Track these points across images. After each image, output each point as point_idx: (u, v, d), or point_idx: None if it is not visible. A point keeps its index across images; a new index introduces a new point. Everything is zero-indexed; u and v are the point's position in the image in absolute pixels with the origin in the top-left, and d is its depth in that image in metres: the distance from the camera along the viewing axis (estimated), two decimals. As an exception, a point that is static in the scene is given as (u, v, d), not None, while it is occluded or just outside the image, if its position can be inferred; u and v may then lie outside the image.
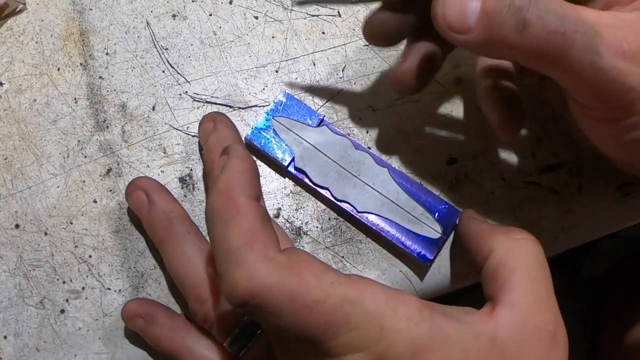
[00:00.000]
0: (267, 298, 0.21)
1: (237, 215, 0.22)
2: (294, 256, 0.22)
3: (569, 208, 0.32)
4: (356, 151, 0.32)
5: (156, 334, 0.29)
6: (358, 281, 0.22)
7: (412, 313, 0.22)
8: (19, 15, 0.36)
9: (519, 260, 0.24)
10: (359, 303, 0.21)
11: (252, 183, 0.23)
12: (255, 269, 0.21)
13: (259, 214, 0.23)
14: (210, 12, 0.36)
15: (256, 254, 0.21)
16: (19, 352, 0.31)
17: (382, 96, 0.34)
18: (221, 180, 0.23)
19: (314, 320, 0.21)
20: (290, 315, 0.21)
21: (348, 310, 0.21)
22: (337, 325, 0.21)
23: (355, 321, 0.21)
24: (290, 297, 0.21)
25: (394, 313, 0.22)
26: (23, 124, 0.34)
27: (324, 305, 0.21)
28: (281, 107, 0.32)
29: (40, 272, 0.32)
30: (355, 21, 0.35)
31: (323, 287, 0.21)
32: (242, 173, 0.23)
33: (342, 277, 0.22)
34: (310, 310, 0.21)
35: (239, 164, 0.23)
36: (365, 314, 0.21)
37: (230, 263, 0.21)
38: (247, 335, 0.27)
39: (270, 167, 0.33)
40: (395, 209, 0.31)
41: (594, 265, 0.69)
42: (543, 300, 0.23)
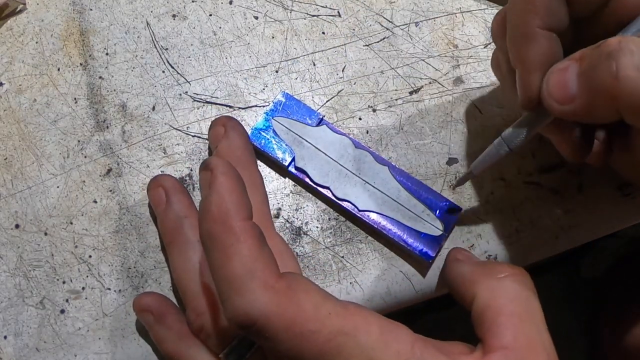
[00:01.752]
0: (266, 325, 0.21)
1: (236, 242, 0.22)
2: (293, 284, 0.22)
3: (569, 208, 0.32)
4: (356, 150, 0.32)
5: (162, 335, 0.29)
6: (355, 312, 0.23)
7: (402, 348, 0.22)
8: (19, 15, 0.36)
9: (504, 301, 0.24)
10: (352, 335, 0.22)
11: (244, 201, 0.23)
12: (256, 297, 0.21)
13: (256, 237, 0.23)
14: (210, 12, 0.36)
15: (257, 283, 0.22)
16: (19, 352, 0.31)
17: (382, 96, 0.34)
18: (213, 204, 0.23)
19: (308, 349, 0.22)
20: (287, 342, 0.22)
21: (341, 342, 0.22)
22: (330, 355, 0.22)
23: (347, 352, 0.22)
24: (288, 326, 0.21)
25: (385, 347, 0.22)
26: (23, 124, 0.34)
27: (319, 335, 0.22)
28: (280, 107, 0.32)
29: (40, 272, 0.32)
30: (355, 21, 0.35)
31: (320, 318, 0.22)
32: (231, 193, 0.23)
33: (339, 307, 0.23)
34: (306, 339, 0.21)
35: (226, 183, 0.23)
36: (356, 346, 0.22)
37: (231, 290, 0.22)
38: (244, 348, 0.27)
39: (271, 167, 0.33)
40: (396, 207, 0.31)
41: (594, 265, 0.69)
42: (534, 340, 0.23)
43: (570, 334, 0.70)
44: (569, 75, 0.23)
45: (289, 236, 0.32)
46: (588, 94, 0.23)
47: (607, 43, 0.22)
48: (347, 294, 0.31)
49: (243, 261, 0.22)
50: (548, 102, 0.24)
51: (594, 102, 0.23)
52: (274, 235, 0.30)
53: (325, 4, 0.36)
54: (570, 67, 0.23)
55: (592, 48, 0.23)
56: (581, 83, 0.23)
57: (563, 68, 0.24)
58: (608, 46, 0.22)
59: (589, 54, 0.23)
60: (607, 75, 0.21)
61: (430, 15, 0.35)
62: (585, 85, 0.23)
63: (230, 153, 0.30)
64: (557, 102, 0.24)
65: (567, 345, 0.68)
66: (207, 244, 0.23)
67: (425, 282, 0.31)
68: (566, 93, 0.23)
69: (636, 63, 0.21)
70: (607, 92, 0.22)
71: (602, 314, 0.61)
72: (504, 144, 0.27)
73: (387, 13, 0.35)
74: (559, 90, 0.23)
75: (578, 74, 0.23)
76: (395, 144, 0.33)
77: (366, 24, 0.35)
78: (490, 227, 0.32)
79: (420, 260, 0.30)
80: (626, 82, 0.21)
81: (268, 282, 0.22)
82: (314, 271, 0.31)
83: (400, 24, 0.35)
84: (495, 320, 0.23)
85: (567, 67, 0.23)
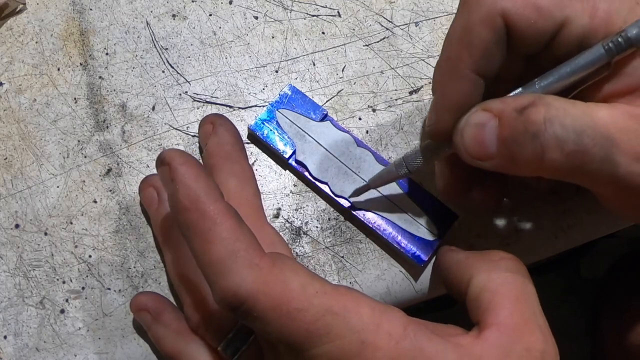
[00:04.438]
0: (254, 305, 0.21)
1: (213, 225, 0.22)
2: (278, 262, 0.22)
3: (568, 208, 0.32)
4: (358, 148, 0.32)
5: (159, 334, 0.29)
6: (344, 293, 0.22)
7: (394, 330, 0.22)
8: (19, 15, 0.36)
9: (500, 281, 0.24)
10: (341, 315, 0.22)
11: (211, 184, 0.23)
12: (242, 277, 0.21)
13: (234, 216, 0.23)
14: (210, 12, 0.36)
15: (241, 262, 0.21)
16: (19, 352, 0.31)
17: (382, 96, 0.34)
18: (181, 195, 0.22)
19: (296, 328, 0.21)
20: (274, 321, 0.21)
21: (329, 321, 0.21)
22: (318, 335, 0.21)
23: (335, 332, 0.21)
24: (275, 305, 0.21)
25: (376, 328, 0.22)
26: (23, 124, 0.34)
27: (306, 314, 0.21)
28: (286, 100, 0.33)
29: (40, 272, 0.32)
30: (355, 21, 0.35)
31: (307, 296, 0.22)
32: (196, 179, 0.23)
33: (327, 287, 0.22)
34: (293, 318, 0.21)
35: (187, 171, 0.23)
36: (346, 327, 0.21)
37: (216, 273, 0.22)
38: (241, 339, 0.27)
39: (272, 158, 0.33)
40: (393, 208, 0.31)
41: (594, 265, 0.69)
42: (530, 319, 0.23)
43: (571, 333, 0.70)
44: (487, 134, 0.23)
45: (289, 236, 0.32)
46: (509, 161, 0.23)
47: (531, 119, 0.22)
48: (347, 294, 0.31)
49: (224, 243, 0.22)
50: (463, 154, 0.24)
51: (514, 167, 0.23)
52: (266, 227, 0.30)
53: (325, 4, 0.36)
54: (489, 125, 0.23)
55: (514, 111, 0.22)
56: (502, 149, 0.23)
57: (480, 123, 0.23)
58: (532, 124, 0.22)
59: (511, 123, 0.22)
60: (531, 153, 0.22)
61: (430, 15, 0.35)
62: (507, 153, 0.23)
63: (220, 149, 0.30)
64: (472, 157, 0.24)
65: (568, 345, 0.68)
66: (186, 234, 0.23)
67: (425, 282, 0.31)
68: (483, 151, 0.23)
69: (561, 145, 0.21)
70: (530, 165, 0.22)
71: (603, 314, 0.61)
72: (403, 165, 0.28)
73: (387, 13, 0.35)
74: (476, 147, 0.23)
75: (499, 137, 0.23)
76: (395, 144, 0.33)
77: (366, 23, 0.35)
78: (490, 227, 0.32)
79: (413, 264, 0.30)
80: (551, 162, 0.22)
81: (252, 261, 0.22)
82: (313, 271, 0.31)
83: (400, 24, 0.35)
84: (491, 300, 0.23)
85: (485, 123, 0.23)
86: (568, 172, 0.22)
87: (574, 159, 0.22)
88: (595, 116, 0.22)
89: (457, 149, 0.24)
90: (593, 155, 0.21)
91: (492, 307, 0.23)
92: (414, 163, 0.28)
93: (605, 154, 0.21)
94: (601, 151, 0.21)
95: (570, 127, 0.21)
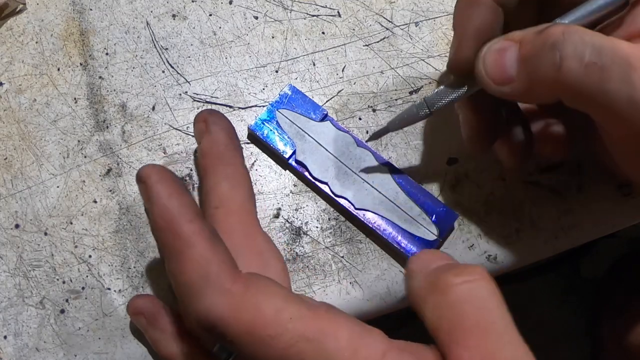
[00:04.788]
0: (226, 329, 0.21)
1: (186, 247, 0.22)
2: (252, 286, 0.22)
3: (569, 208, 0.32)
4: (358, 148, 0.32)
5: (155, 338, 0.29)
6: (322, 316, 0.22)
7: (372, 356, 0.21)
8: (19, 15, 0.36)
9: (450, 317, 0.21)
10: (316, 341, 0.21)
11: (185, 202, 0.23)
12: (212, 303, 0.21)
13: (206, 237, 0.22)
14: (210, 12, 0.36)
15: (212, 288, 0.21)
16: (19, 352, 0.31)
17: (382, 96, 0.34)
18: (156, 213, 0.22)
19: (270, 354, 0.21)
20: (248, 346, 0.21)
21: (303, 348, 0.21)
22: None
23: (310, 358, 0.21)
24: (247, 330, 0.21)
25: (352, 354, 0.21)
26: (23, 124, 0.34)
27: (279, 340, 0.21)
28: (286, 100, 0.33)
29: (40, 272, 0.32)
30: (355, 21, 0.35)
31: (281, 322, 0.21)
32: (169, 198, 0.22)
33: (304, 310, 0.22)
34: (266, 344, 0.21)
35: (162, 190, 0.23)
36: (322, 353, 0.21)
37: (188, 296, 0.22)
38: None
39: (272, 158, 0.33)
40: (393, 208, 0.31)
41: (594, 265, 0.69)
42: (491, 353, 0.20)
43: (571, 333, 0.70)
44: (508, 58, 0.23)
45: (289, 236, 0.32)
46: (528, 80, 0.23)
47: (550, 32, 0.22)
48: (347, 294, 0.31)
49: (195, 266, 0.22)
50: (484, 80, 0.24)
51: (534, 87, 0.23)
52: (257, 234, 0.29)
53: (325, 4, 0.36)
54: (510, 50, 0.23)
55: (533, 34, 0.23)
56: (521, 69, 0.23)
57: (501, 48, 0.24)
58: (551, 36, 0.22)
59: (531, 41, 0.23)
60: (550, 65, 0.22)
61: (430, 15, 0.35)
62: (526, 72, 0.23)
63: (212, 150, 0.30)
64: (494, 82, 0.24)
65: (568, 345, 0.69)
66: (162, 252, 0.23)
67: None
68: (504, 75, 0.24)
69: (579, 55, 0.21)
70: (548, 81, 0.22)
71: (603, 314, 0.61)
72: (425, 106, 0.28)
73: (387, 13, 0.35)
74: (497, 71, 0.24)
75: (518, 59, 0.23)
76: (395, 144, 0.33)
77: (366, 24, 0.35)
78: (490, 227, 0.32)
79: None
80: (569, 74, 0.22)
81: (223, 286, 0.21)
82: (314, 271, 0.31)
83: (400, 24, 0.35)
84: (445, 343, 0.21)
85: (506, 48, 0.24)
86: (587, 91, 0.22)
87: (592, 72, 0.21)
88: (615, 41, 0.22)
89: (479, 76, 0.24)
90: (611, 73, 0.21)
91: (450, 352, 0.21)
92: (436, 103, 0.27)
93: (624, 74, 0.21)
94: (620, 70, 0.21)
95: (589, 42, 0.21)
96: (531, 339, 0.22)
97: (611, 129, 0.24)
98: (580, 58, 0.21)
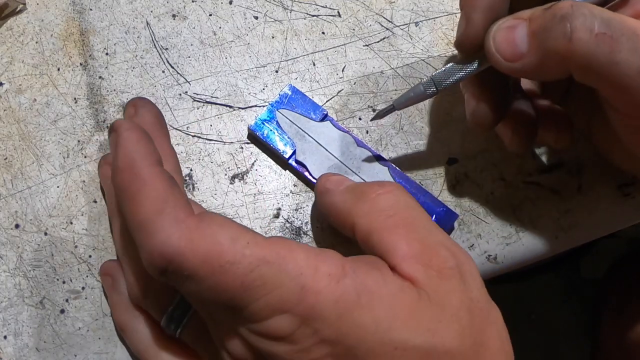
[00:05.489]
0: (182, 262, 0.21)
1: (144, 185, 0.22)
2: (207, 218, 0.22)
3: (569, 208, 0.32)
4: (358, 148, 0.32)
5: (113, 301, 0.29)
6: (277, 242, 0.22)
7: (333, 270, 0.21)
8: (19, 15, 0.36)
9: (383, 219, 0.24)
10: (275, 263, 0.21)
11: (151, 149, 0.23)
12: (167, 234, 0.21)
13: (165, 179, 0.22)
14: (210, 12, 0.36)
15: (167, 219, 0.21)
16: (19, 352, 0.31)
17: (382, 96, 0.34)
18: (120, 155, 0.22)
19: (230, 283, 0.20)
20: (206, 278, 0.21)
21: (264, 271, 0.21)
22: (254, 287, 0.21)
23: (272, 282, 0.21)
24: (204, 259, 0.20)
25: (314, 272, 0.21)
26: (23, 124, 0.34)
27: (238, 266, 0.20)
28: (286, 100, 0.33)
29: (40, 272, 0.32)
30: (355, 21, 0.35)
31: (238, 248, 0.21)
32: (138, 142, 0.23)
33: (259, 238, 0.22)
34: (225, 272, 0.20)
35: (131, 135, 0.23)
36: (282, 274, 0.21)
37: (143, 233, 0.21)
38: (181, 313, 0.26)
39: (272, 158, 0.33)
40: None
41: (594, 265, 0.69)
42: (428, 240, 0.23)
43: (571, 333, 0.70)
44: (518, 34, 0.24)
45: (289, 236, 0.32)
46: (539, 54, 0.23)
47: (560, 6, 0.23)
48: (347, 294, 0.31)
49: (151, 202, 0.21)
50: (494, 57, 0.25)
51: (545, 61, 0.23)
52: None
53: (325, 4, 0.36)
54: (520, 26, 0.24)
55: (542, 9, 0.23)
56: (532, 43, 0.23)
57: (511, 26, 0.24)
58: (561, 9, 0.22)
59: (541, 15, 0.23)
60: (560, 36, 0.22)
61: (430, 15, 0.35)
62: (537, 45, 0.23)
63: None
64: (504, 58, 0.24)
65: (568, 345, 0.69)
66: (119, 197, 0.22)
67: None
68: (515, 51, 0.24)
69: (588, 26, 0.22)
70: (559, 52, 0.22)
71: (603, 314, 0.61)
72: (432, 84, 0.27)
73: (387, 13, 0.35)
74: (508, 48, 0.24)
75: (529, 34, 0.23)
76: (395, 144, 0.33)
77: (366, 24, 0.35)
78: (490, 227, 0.32)
79: None
80: (580, 45, 0.22)
81: (178, 217, 0.21)
82: (314, 271, 0.31)
83: (400, 24, 0.35)
84: (382, 240, 0.23)
85: (516, 25, 0.24)
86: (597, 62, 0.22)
87: (602, 42, 0.22)
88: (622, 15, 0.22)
89: (489, 53, 0.25)
90: (621, 44, 0.22)
91: (386, 249, 0.23)
92: (443, 81, 0.27)
93: (633, 45, 0.22)
94: (629, 41, 0.22)
95: (598, 14, 0.22)
96: (531, 338, 0.22)
97: (619, 103, 0.24)
98: (590, 29, 0.22)
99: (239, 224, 0.22)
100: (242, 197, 0.32)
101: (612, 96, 0.24)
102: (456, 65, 0.27)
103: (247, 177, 0.33)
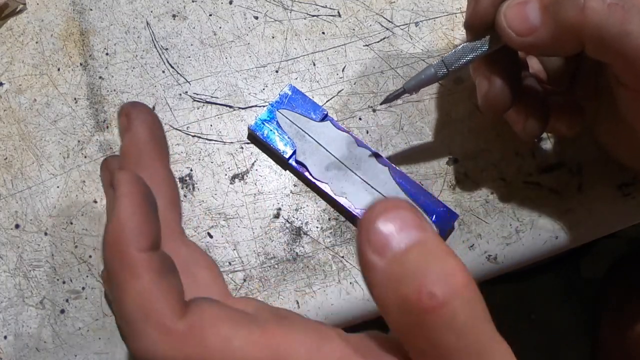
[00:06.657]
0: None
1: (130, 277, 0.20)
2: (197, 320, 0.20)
3: (569, 208, 0.32)
4: (358, 148, 0.32)
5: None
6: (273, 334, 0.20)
7: None
8: (19, 15, 0.36)
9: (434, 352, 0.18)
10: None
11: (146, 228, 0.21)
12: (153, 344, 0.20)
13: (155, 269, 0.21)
14: (210, 12, 0.36)
15: (152, 327, 0.20)
16: (19, 352, 0.31)
17: (382, 96, 0.34)
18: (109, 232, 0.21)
19: None
20: None
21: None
22: None
23: None
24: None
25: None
26: (23, 124, 0.34)
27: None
28: (286, 100, 0.33)
29: (40, 272, 0.32)
30: (355, 21, 0.35)
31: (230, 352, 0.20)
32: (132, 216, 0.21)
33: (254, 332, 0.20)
34: None
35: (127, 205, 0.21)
36: None
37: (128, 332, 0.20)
38: None
39: (272, 158, 0.33)
40: (395, 209, 0.31)
41: (594, 265, 0.69)
42: None
43: (571, 333, 0.70)
44: (530, 8, 0.24)
45: (289, 236, 0.32)
46: (552, 26, 0.23)
47: None
48: (347, 294, 0.31)
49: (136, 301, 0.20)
50: (506, 33, 0.25)
51: (557, 34, 0.23)
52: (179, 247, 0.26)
53: (325, 4, 0.36)
54: (531, 2, 0.24)
55: None
56: (545, 16, 0.24)
57: (522, 2, 0.24)
58: None
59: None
60: (573, 7, 0.22)
61: (430, 15, 0.35)
62: (549, 18, 0.23)
63: (132, 149, 0.26)
64: (516, 33, 0.24)
65: (568, 345, 0.69)
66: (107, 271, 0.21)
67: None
68: (527, 25, 0.24)
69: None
70: (572, 24, 0.23)
71: (603, 314, 0.61)
72: (443, 65, 0.27)
73: (387, 13, 0.35)
74: (520, 22, 0.24)
75: (540, 7, 0.24)
76: (395, 144, 0.33)
77: (366, 24, 0.35)
78: (490, 227, 0.32)
79: None
80: (592, 15, 0.22)
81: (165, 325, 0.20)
82: (314, 271, 0.31)
83: (400, 24, 0.35)
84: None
85: (527, 1, 0.24)
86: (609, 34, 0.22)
87: (614, 12, 0.22)
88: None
89: (500, 29, 0.25)
90: (633, 15, 0.22)
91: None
92: (454, 63, 0.27)
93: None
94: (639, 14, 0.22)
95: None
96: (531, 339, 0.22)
97: (629, 77, 0.24)
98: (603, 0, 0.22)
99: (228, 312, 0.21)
100: (242, 197, 0.32)
101: (623, 69, 0.24)
102: (467, 45, 0.27)
103: (247, 177, 0.33)
